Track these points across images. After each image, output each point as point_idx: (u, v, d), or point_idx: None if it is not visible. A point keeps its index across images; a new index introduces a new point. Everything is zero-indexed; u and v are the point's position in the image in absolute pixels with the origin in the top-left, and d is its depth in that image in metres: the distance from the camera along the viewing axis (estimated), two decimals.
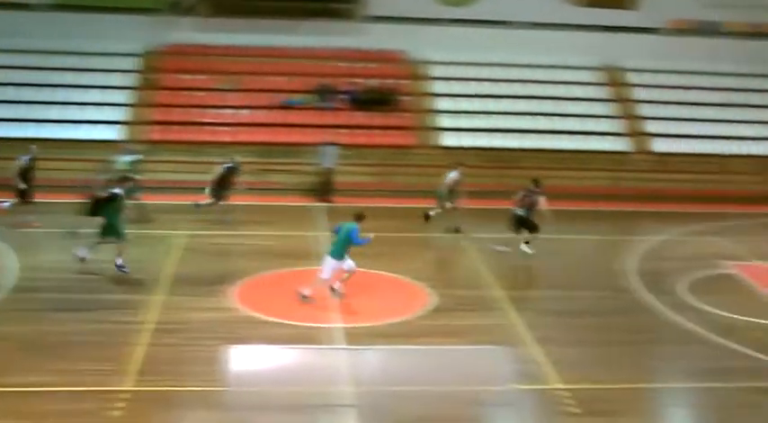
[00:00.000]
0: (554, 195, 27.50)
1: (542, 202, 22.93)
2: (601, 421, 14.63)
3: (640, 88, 34.06)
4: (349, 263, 18.88)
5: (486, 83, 33.61)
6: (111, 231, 20.20)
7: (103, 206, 20.19)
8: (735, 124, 32.94)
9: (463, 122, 32.21)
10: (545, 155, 30.56)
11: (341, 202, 27.69)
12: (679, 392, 15.83)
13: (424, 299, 19.61)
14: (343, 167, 29.47)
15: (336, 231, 18.82)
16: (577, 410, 14.82)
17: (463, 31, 34.41)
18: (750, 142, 32.36)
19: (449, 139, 31.66)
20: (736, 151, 32.14)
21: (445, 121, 32.29)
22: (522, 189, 23.30)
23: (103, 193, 20.31)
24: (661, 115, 33.01)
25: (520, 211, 22.96)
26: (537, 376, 15.95)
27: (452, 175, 24.94)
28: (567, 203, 27.65)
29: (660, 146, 31.88)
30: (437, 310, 19.01)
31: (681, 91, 33.88)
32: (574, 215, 27.31)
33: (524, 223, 22.98)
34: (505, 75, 33.85)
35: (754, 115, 33.34)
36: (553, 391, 15.51)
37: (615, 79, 34.50)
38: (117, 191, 20.37)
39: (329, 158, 28.54)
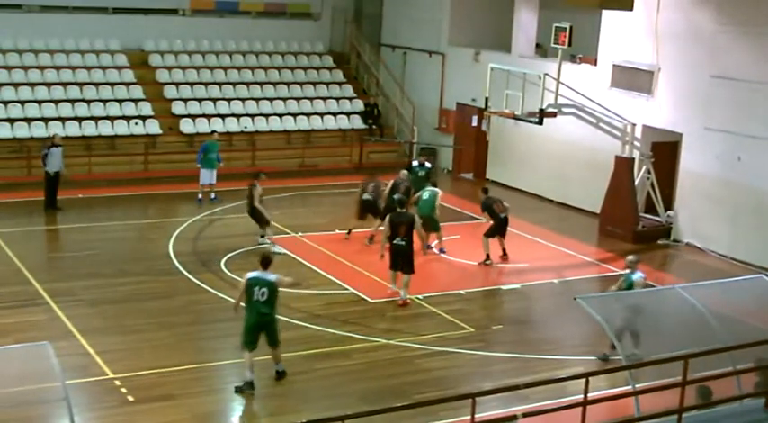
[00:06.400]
0: (84, 183, 27.39)
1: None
2: (158, 406, 14.86)
3: (165, 70, 34.25)
4: None
5: (5, 70, 32.05)
6: None
7: None
8: (261, 102, 34.06)
9: None
10: (75, 142, 29.78)
11: None
12: (233, 368, 16.31)
13: None
14: None
15: None
16: (132, 398, 14.95)
17: None
18: (275, 118, 33.67)
19: None
20: (264, 128, 33.30)
21: None
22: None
23: None
24: (187, 96, 33.43)
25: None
26: (87, 369, 15.91)
27: None
28: (99, 190, 27.52)
29: (188, 127, 32.30)
30: None
31: (205, 71, 34.47)
32: (107, 202, 27.17)
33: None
34: (21, 61, 32.43)
35: (278, 92, 34.68)
36: (105, 382, 15.52)
37: (140, 62, 34.38)
38: None
39: (54, 160, 25.84)
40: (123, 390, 15.26)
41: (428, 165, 26.08)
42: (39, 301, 19.03)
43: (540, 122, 25.04)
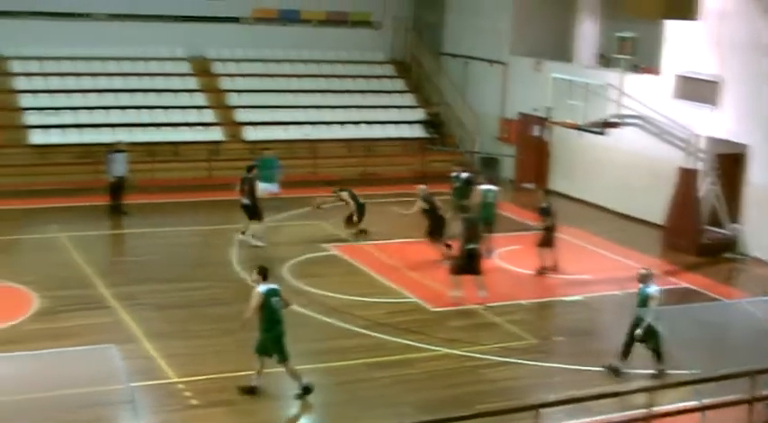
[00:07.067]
0: (149, 188, 27.75)
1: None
2: (220, 411, 14.97)
3: (228, 77, 34.61)
4: None
5: (70, 77, 32.64)
6: None
7: None
8: (322, 110, 34.28)
9: (51, 119, 31.14)
10: (139, 148, 30.17)
11: None
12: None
13: (26, 302, 19.01)
14: None
15: None
16: (195, 402, 15.08)
17: (41, 24, 33.14)
18: (337, 126, 33.87)
19: (37, 137, 30.49)
20: (325, 136, 33.49)
21: (31, 119, 31.06)
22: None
23: None
24: (251, 103, 33.72)
25: (245, 201, 23.49)
26: (151, 372, 16.05)
27: None
28: (161, 196, 27.82)
29: (252, 134, 32.58)
30: (42, 313, 18.59)
31: (268, 79, 34.78)
32: (170, 207, 27.46)
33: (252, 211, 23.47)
34: (89, 68, 33.01)
35: (340, 100, 34.87)
36: (170, 385, 15.67)
37: (203, 69, 34.79)
38: None
39: (119, 166, 26.40)
40: (187, 393, 15.39)
41: (464, 175, 26.05)
42: (104, 305, 19.30)
43: (604, 133, 24.86)
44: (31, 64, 32.72)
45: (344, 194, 25.15)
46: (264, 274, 15.47)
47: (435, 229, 22.97)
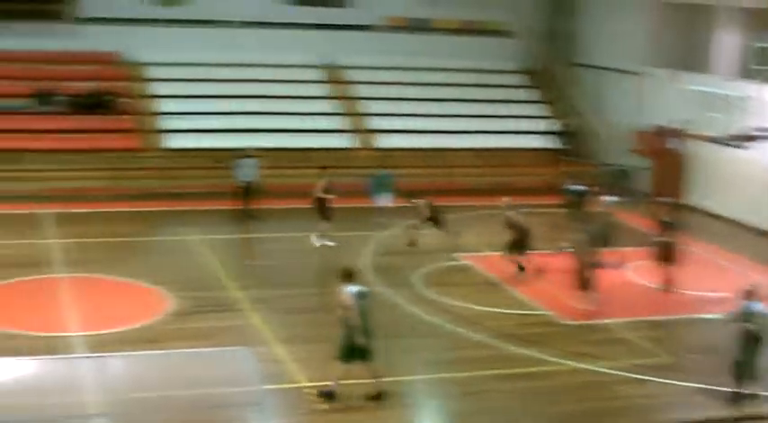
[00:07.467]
0: (279, 193, 28.05)
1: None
2: (349, 417, 14.95)
3: (360, 85, 34.82)
4: None
5: (205, 83, 33.34)
6: None
7: None
8: (454, 118, 34.22)
9: (186, 124, 31.81)
10: (270, 153, 30.55)
11: (72, 209, 26.92)
12: (424, 384, 16.38)
13: (162, 303, 19.44)
14: (69, 173, 28.80)
15: None
16: (325, 407, 15.10)
17: (178, 31, 34.01)
18: (468, 135, 33.75)
19: (175, 141, 31.19)
20: (457, 145, 33.39)
21: (168, 123, 31.78)
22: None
23: None
24: (383, 111, 33.86)
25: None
26: (282, 375, 16.15)
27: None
28: (292, 201, 27.99)
29: (384, 141, 32.71)
30: (177, 314, 18.94)
31: (400, 87, 34.88)
32: (300, 213, 27.62)
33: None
34: (225, 75, 33.67)
35: (471, 109, 34.76)
36: (299, 389, 15.73)
37: (335, 77, 35.09)
38: None
39: (248, 171, 27.12)
40: (316, 398, 15.41)
41: (577, 188, 25.67)
42: (236, 308, 19.55)
43: (743, 146, 24.13)
44: (169, 70, 33.54)
45: (421, 203, 24.68)
46: (350, 277, 15.34)
47: (518, 242, 22.37)
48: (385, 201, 26.65)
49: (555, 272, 22.28)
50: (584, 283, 19.75)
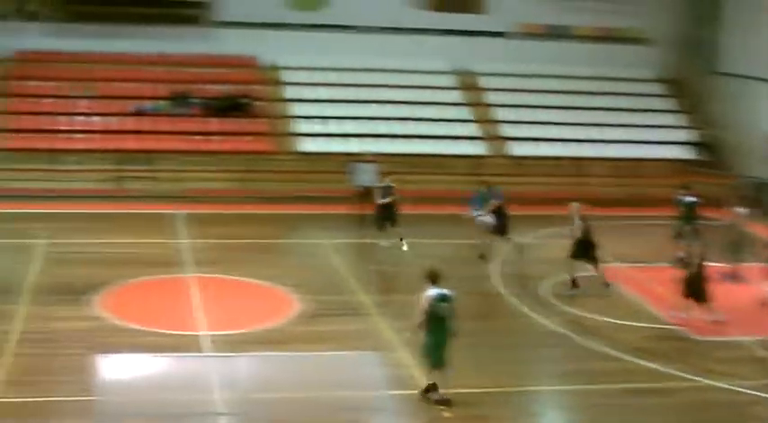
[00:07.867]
0: (411, 199, 27.93)
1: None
2: None
3: (492, 92, 34.62)
4: None
5: (339, 88, 33.67)
6: None
7: None
8: (589, 127, 33.73)
9: (318, 128, 32.16)
10: (401, 159, 30.66)
11: (203, 210, 27.41)
12: (548, 395, 16.18)
13: (290, 305, 19.60)
14: (201, 174, 29.40)
15: None
16: (449, 414, 14.96)
17: (314, 35, 34.40)
18: (603, 145, 33.21)
19: (306, 145, 31.56)
20: (591, 154, 32.91)
21: (301, 127, 32.17)
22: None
23: None
24: (515, 119, 33.60)
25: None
26: (407, 381, 16.04)
27: None
28: (423, 207, 27.95)
29: (517, 149, 32.45)
30: (304, 316, 19.05)
31: (534, 94, 34.55)
32: (431, 219, 27.61)
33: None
34: (357, 79, 33.97)
35: (606, 118, 34.22)
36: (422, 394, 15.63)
37: (467, 83, 34.97)
38: None
39: (366, 176, 27.13)
40: (440, 406, 15.30)
41: (689, 199, 25.10)
42: (362, 312, 19.59)
43: None
44: (301, 74, 33.97)
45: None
46: (434, 279, 15.01)
47: (581, 249, 21.63)
48: (483, 216, 25.79)
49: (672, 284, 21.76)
50: (700, 295, 19.17)
